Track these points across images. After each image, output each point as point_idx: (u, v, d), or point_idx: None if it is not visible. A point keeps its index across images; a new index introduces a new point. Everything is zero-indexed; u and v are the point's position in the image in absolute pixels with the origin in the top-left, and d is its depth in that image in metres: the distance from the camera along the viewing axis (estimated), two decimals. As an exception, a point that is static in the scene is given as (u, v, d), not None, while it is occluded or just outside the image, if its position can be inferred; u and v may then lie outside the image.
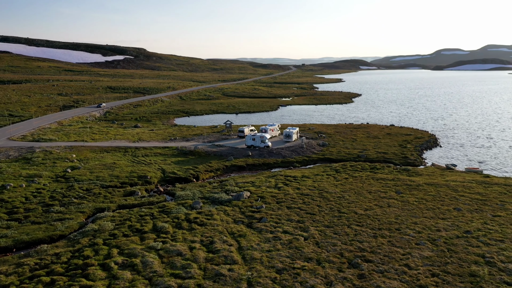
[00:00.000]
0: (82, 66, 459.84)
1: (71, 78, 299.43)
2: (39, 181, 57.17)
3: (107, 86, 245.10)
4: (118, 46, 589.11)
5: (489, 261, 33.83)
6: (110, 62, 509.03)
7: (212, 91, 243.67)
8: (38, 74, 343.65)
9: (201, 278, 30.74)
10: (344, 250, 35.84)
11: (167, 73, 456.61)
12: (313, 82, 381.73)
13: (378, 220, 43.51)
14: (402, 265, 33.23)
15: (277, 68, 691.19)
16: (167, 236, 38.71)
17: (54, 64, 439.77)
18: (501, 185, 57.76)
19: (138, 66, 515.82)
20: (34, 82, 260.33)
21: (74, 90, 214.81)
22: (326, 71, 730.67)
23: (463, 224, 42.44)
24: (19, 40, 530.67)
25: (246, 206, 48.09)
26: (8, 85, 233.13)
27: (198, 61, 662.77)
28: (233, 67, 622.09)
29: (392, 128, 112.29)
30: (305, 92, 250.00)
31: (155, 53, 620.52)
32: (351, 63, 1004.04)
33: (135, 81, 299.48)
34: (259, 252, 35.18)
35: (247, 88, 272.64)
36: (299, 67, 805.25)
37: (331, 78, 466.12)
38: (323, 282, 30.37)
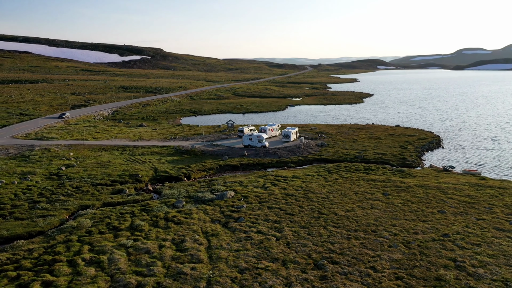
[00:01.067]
0: (100, 66, 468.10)
1: (87, 78, 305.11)
2: (32, 178, 58.51)
3: (120, 85, 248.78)
4: (135, 46, 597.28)
5: (460, 265, 33.09)
6: (127, 62, 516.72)
7: (223, 90, 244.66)
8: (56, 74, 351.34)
9: (162, 276, 30.99)
10: (313, 251, 35.59)
11: (182, 73, 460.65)
12: (327, 82, 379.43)
13: (356, 221, 43.04)
14: (368, 267, 32.81)
15: (292, 68, 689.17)
16: (141, 234, 39.15)
17: (72, 64, 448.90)
18: (494, 188, 56.38)
19: (154, 66, 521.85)
20: (51, 81, 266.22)
21: (88, 90, 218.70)
22: (343, 71, 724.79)
23: (443, 227, 41.61)
24: (39, 40, 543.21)
25: (227, 205, 48.21)
26: (24, 84, 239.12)
27: (214, 61, 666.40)
28: (248, 67, 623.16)
29: (397, 129, 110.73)
30: (316, 92, 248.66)
31: (171, 53, 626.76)
32: (369, 63, 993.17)
33: (148, 81, 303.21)
34: (227, 252, 35.25)
35: (258, 88, 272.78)
36: (315, 67, 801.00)
37: (346, 78, 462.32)
38: (282, 283, 30.24)
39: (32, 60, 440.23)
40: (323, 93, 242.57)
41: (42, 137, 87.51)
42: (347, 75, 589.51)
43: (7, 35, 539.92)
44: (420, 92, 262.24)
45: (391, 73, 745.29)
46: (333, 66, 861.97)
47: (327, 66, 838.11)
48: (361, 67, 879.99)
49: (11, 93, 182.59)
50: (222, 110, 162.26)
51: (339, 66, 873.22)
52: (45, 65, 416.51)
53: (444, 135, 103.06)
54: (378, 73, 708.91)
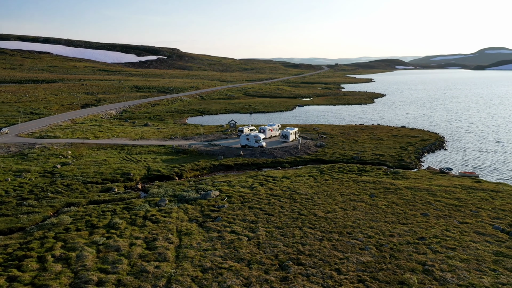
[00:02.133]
0: (117, 66, 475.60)
1: (102, 78, 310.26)
2: (26, 175, 59.94)
3: (134, 85, 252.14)
4: (152, 46, 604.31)
5: (428, 270, 32.47)
6: (143, 62, 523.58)
7: (235, 90, 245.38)
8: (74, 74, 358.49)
9: (125, 274, 31.38)
10: (282, 252, 35.45)
11: (197, 72, 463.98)
12: (342, 82, 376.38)
13: (334, 223, 42.66)
14: (333, 269, 32.50)
15: (308, 68, 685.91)
16: (116, 232, 39.70)
17: (90, 64, 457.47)
18: (487, 191, 55.04)
19: (170, 66, 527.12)
20: (67, 81, 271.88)
21: (101, 89, 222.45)
22: (359, 71, 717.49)
23: (422, 230, 40.86)
24: (59, 41, 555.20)
25: (209, 205, 48.42)
26: (40, 84, 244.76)
27: (230, 61, 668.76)
28: (264, 67, 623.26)
29: (401, 130, 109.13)
30: (328, 92, 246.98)
31: (187, 53, 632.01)
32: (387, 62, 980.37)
33: (162, 81, 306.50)
34: (195, 251, 35.44)
35: (270, 88, 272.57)
36: (332, 67, 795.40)
37: (361, 78, 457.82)
38: (242, 283, 30.24)
39: (52, 60, 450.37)
40: (334, 93, 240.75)
41: (44, 136, 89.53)
42: (363, 75, 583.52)
43: (28, 36, 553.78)
44: (434, 92, 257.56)
45: (409, 73, 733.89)
46: (350, 66, 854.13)
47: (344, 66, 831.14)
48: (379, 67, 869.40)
49: (26, 93, 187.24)
50: (230, 110, 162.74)
51: (356, 66, 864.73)
52: (63, 65, 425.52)
53: (449, 137, 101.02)
54: (395, 73, 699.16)
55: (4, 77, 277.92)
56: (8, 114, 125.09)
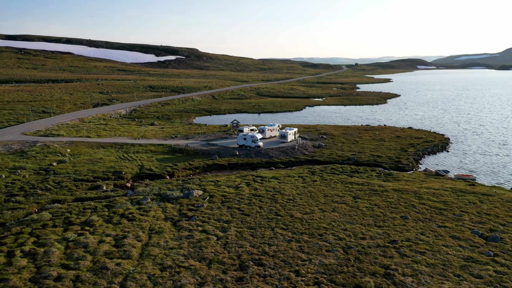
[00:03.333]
0: (135, 66, 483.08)
1: (119, 78, 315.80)
2: (20, 173, 61.66)
3: (148, 85, 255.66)
4: (171, 46, 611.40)
5: (389, 273, 31.91)
6: (162, 62, 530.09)
7: (247, 90, 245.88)
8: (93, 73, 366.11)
9: (85, 270, 31.98)
10: (246, 252, 35.44)
11: (214, 72, 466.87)
12: (359, 82, 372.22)
13: (308, 224, 42.36)
14: (292, 271, 32.31)
15: (327, 68, 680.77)
16: (90, 229, 40.44)
17: (109, 64, 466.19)
18: (477, 194, 53.63)
19: (188, 66, 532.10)
20: (84, 81, 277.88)
21: (116, 89, 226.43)
22: (379, 70, 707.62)
23: (396, 233, 40.15)
24: (81, 42, 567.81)
25: (189, 204, 48.80)
26: (58, 83, 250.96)
27: (248, 61, 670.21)
28: (281, 67, 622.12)
29: (406, 131, 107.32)
30: (342, 93, 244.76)
31: (206, 53, 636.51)
32: (408, 62, 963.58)
33: (178, 81, 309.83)
34: (161, 249, 35.80)
35: (284, 88, 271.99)
36: (351, 67, 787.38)
37: (379, 78, 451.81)
38: (196, 282, 30.41)
39: (73, 60, 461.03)
40: (348, 93, 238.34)
41: (48, 134, 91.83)
42: (383, 75, 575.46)
43: (52, 36, 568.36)
44: (450, 93, 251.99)
45: (430, 73, 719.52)
46: (371, 66, 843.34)
47: (363, 66, 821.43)
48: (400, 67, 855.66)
49: (42, 92, 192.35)
50: (239, 109, 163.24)
51: (376, 66, 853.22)
52: (84, 65, 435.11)
53: (454, 139, 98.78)
54: (416, 73, 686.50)
55: (25, 76, 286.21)
56: (21, 112, 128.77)
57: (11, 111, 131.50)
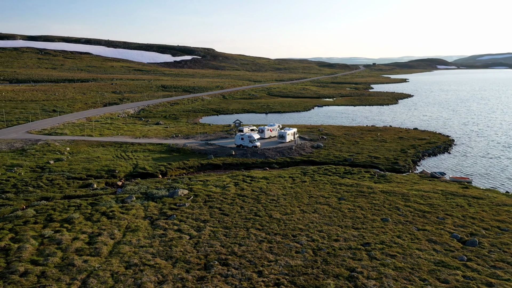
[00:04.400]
0: (152, 66, 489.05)
1: (134, 77, 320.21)
2: (17, 170, 63.24)
3: (161, 85, 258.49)
4: (188, 46, 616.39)
5: (353, 276, 31.56)
6: (178, 62, 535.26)
7: (259, 90, 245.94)
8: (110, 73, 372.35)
9: (53, 266, 32.64)
10: (214, 252, 35.57)
11: (229, 72, 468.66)
12: (374, 82, 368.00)
13: (285, 225, 42.21)
14: (255, 271, 32.28)
15: (343, 68, 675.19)
16: (68, 226, 41.23)
17: (126, 64, 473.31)
18: (467, 197, 52.46)
19: (204, 66, 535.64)
20: (99, 80, 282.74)
21: (128, 89, 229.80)
22: (397, 70, 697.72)
23: (372, 235, 39.63)
24: (99, 42, 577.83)
25: (171, 203, 49.22)
26: (73, 83, 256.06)
27: (264, 61, 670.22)
28: (297, 67, 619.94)
29: (411, 132, 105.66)
30: (354, 93, 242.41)
31: (222, 53, 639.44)
32: (428, 62, 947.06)
33: (191, 80, 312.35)
34: (131, 247, 36.24)
35: (296, 88, 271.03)
36: (368, 66, 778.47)
37: (395, 78, 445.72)
38: (157, 280, 30.69)
39: (91, 60, 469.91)
40: (360, 93, 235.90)
41: (52, 133, 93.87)
42: (400, 75, 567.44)
43: (71, 37, 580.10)
44: (465, 93, 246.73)
45: (449, 73, 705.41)
46: (389, 65, 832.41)
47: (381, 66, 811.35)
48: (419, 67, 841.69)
49: (56, 91, 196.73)
50: (246, 109, 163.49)
51: (395, 65, 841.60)
52: (101, 65, 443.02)
53: (459, 140, 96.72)
54: (435, 73, 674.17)
55: (42, 76, 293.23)
56: (31, 111, 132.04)
57: (22, 110, 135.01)
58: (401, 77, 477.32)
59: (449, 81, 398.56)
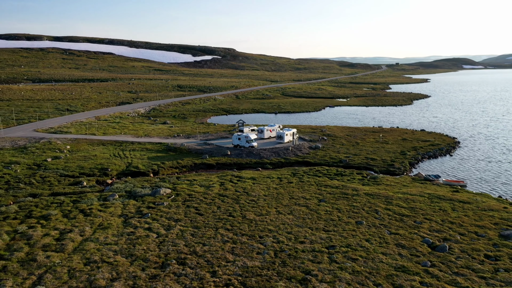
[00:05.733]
0: (172, 65, 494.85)
1: (152, 77, 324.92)
2: (13, 167, 65.32)
3: (177, 84, 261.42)
4: (208, 46, 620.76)
5: (306, 279, 31.31)
6: (198, 62, 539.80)
7: (273, 90, 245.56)
8: (130, 73, 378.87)
9: (15, 261, 33.68)
10: (175, 251, 35.91)
11: (248, 72, 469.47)
12: (393, 82, 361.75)
13: (256, 226, 42.18)
14: (209, 271, 32.44)
15: (365, 67, 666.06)
16: (44, 222, 42.39)
17: (147, 64, 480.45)
18: (454, 201, 51.12)
19: (224, 65, 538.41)
20: (118, 80, 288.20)
21: (144, 88, 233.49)
22: (420, 70, 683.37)
23: (340, 238, 39.15)
24: (122, 42, 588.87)
25: (151, 201, 49.90)
26: (90, 83, 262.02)
27: (284, 60, 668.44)
28: (317, 67, 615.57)
29: (416, 133, 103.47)
30: (369, 93, 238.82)
31: (242, 53, 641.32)
32: (453, 62, 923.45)
33: (208, 80, 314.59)
34: (96, 244, 36.99)
35: (311, 88, 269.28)
36: (391, 66, 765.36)
37: (417, 78, 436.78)
38: (110, 277, 31.24)
39: (113, 60, 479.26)
40: (375, 94, 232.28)
41: (57, 131, 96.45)
42: (423, 75, 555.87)
43: (95, 37, 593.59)
44: (485, 94, 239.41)
45: (474, 73, 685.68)
46: (412, 65, 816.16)
47: (404, 65, 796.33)
48: (443, 67, 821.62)
49: (74, 91, 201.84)
50: (257, 109, 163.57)
51: (418, 65, 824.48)
52: (123, 65, 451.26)
53: (464, 143, 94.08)
54: (459, 73, 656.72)
55: (64, 76, 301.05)
56: (45, 110, 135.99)
57: (36, 109, 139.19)
58: (422, 77, 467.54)
59: (472, 82, 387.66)
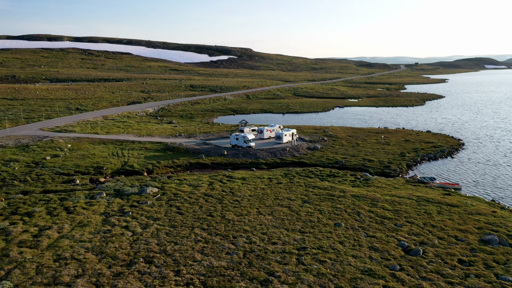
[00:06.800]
0: (188, 65, 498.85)
1: (167, 77, 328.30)
2: (12, 165, 67.09)
3: (190, 84, 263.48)
4: (225, 46, 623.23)
5: (268, 280, 31.25)
6: (214, 62, 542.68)
7: (285, 90, 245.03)
8: (146, 73, 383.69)
9: (-10, 256, 34.67)
10: (146, 249, 36.31)
11: (263, 72, 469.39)
12: (410, 82, 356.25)
13: (232, 226, 42.28)
14: (174, 270, 32.71)
15: (383, 67, 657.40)
16: (27, 219, 43.46)
17: (164, 64, 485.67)
18: (441, 205, 50.15)
19: (239, 65, 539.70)
20: (133, 80, 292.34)
21: (157, 88, 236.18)
22: (440, 70, 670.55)
23: (314, 240, 38.89)
24: (140, 42, 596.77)
25: (136, 200, 50.54)
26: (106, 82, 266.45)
27: (301, 60, 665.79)
28: (334, 67, 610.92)
29: (421, 135, 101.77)
30: (382, 93, 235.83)
31: (259, 53, 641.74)
32: (475, 62, 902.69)
33: (222, 80, 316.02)
34: (70, 241, 37.70)
35: (324, 88, 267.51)
36: (410, 66, 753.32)
37: (435, 79, 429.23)
38: (75, 274, 31.82)
39: (131, 60, 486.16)
40: (388, 94, 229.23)
41: (62, 130, 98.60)
42: (442, 75, 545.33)
43: (114, 38, 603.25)
44: (501, 94, 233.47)
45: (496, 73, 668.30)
46: (432, 65, 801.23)
47: (424, 65, 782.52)
48: (465, 67, 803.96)
49: (87, 90, 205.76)
50: (265, 109, 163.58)
51: (438, 65, 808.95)
52: (140, 65, 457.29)
53: (468, 145, 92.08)
54: (480, 73, 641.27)
55: (81, 76, 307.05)
56: (56, 109, 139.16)
57: (48, 108, 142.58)
58: (441, 78, 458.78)
59: (492, 82, 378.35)
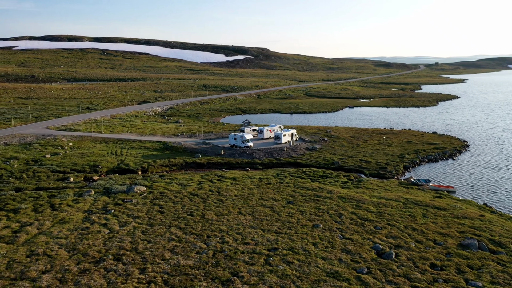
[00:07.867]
0: (204, 65, 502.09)
1: (182, 77, 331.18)
2: (12, 162, 68.89)
3: (203, 84, 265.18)
4: (241, 46, 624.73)
5: (230, 280, 31.31)
6: (230, 62, 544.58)
7: (297, 90, 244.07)
8: (163, 73, 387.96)
9: (-33, 251, 35.75)
10: (118, 247, 36.82)
11: (279, 72, 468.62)
12: (426, 82, 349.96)
13: (209, 226, 42.47)
14: (140, 268, 33.09)
15: (401, 67, 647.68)
16: (12, 215, 44.58)
17: (180, 64, 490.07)
18: (429, 208, 49.23)
19: (255, 65, 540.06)
20: (148, 79, 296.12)
21: (170, 88, 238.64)
22: (460, 70, 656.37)
23: (288, 241, 38.72)
24: (158, 42, 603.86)
25: (122, 198, 51.25)
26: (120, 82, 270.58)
27: (318, 60, 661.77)
28: (351, 66, 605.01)
29: (425, 136, 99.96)
30: (396, 94, 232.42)
31: (275, 53, 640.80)
32: (498, 61, 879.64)
33: (236, 80, 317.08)
34: (47, 238, 38.54)
35: (337, 88, 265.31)
36: (430, 66, 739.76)
37: (453, 79, 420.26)
38: (43, 269, 32.51)
39: (148, 60, 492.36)
40: (401, 94, 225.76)
41: (67, 129, 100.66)
42: (462, 75, 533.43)
43: (132, 38, 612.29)
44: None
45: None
46: (452, 65, 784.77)
47: (444, 65, 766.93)
48: (486, 66, 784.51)
49: (100, 90, 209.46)
50: (273, 109, 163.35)
51: (459, 65, 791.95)
52: (156, 65, 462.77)
53: (473, 147, 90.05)
54: (502, 73, 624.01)
55: (97, 75, 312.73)
56: (66, 108, 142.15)
57: (59, 107, 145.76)
58: (460, 78, 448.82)
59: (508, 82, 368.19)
